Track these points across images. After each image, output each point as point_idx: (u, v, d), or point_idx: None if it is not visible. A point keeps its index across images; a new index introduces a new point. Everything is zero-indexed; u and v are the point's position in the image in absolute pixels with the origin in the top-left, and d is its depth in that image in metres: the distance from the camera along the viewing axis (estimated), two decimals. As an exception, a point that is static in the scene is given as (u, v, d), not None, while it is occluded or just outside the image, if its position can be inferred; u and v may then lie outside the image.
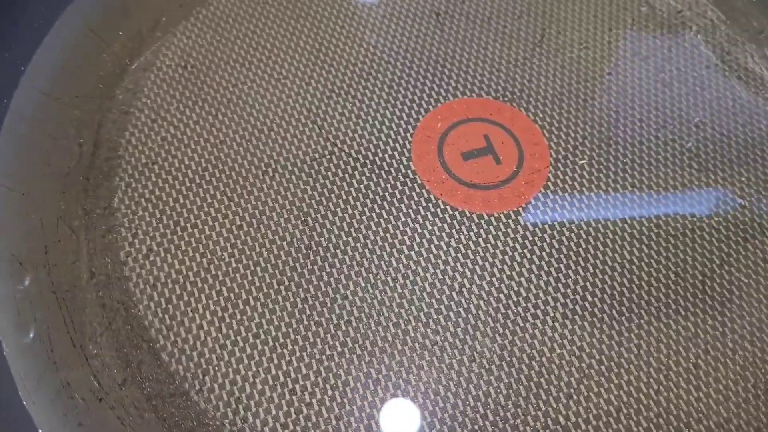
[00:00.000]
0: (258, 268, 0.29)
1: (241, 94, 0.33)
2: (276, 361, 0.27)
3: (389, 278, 0.29)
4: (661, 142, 0.33)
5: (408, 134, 0.32)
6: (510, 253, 0.30)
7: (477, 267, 0.29)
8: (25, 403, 0.26)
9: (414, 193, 0.31)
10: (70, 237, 0.29)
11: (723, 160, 0.33)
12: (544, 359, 0.28)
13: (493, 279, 0.29)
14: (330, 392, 0.27)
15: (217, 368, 0.27)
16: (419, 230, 0.30)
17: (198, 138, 0.32)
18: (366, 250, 0.29)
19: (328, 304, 0.28)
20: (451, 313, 0.28)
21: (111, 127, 0.32)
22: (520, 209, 0.31)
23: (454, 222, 0.30)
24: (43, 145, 0.31)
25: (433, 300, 0.29)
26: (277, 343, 0.27)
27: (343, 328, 0.28)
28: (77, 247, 0.29)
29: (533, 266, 0.29)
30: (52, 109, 0.32)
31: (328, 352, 0.27)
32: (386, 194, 0.31)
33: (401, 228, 0.30)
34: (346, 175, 0.31)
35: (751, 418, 0.27)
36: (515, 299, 0.29)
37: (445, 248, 0.30)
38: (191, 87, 0.33)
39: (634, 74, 0.35)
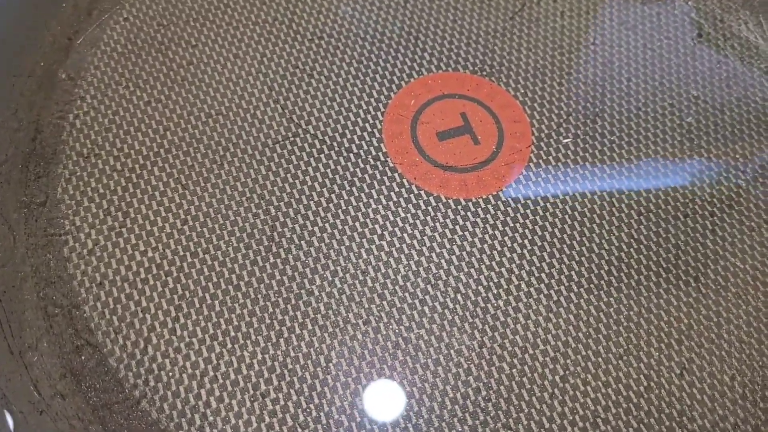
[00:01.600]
0: (215, 263, 0.26)
1: (197, 72, 0.31)
2: (235, 365, 0.25)
3: (359, 271, 0.27)
4: (650, 117, 0.31)
5: (379, 113, 0.30)
6: (489, 242, 0.27)
7: (454, 257, 0.27)
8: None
9: (386, 178, 0.29)
10: (8, 232, 0.27)
11: (716, 136, 0.31)
12: (526, 356, 0.25)
13: (471, 270, 0.27)
14: (295, 397, 0.24)
15: (170, 374, 0.25)
16: (391, 218, 0.28)
17: (149, 121, 0.29)
18: (333, 241, 0.27)
19: (293, 301, 0.26)
20: (426, 308, 0.26)
21: (53, 109, 0.29)
22: (500, 193, 0.28)
23: (429, 208, 0.28)
24: (-23, 131, 0.29)
25: (407, 294, 0.26)
26: (236, 345, 0.25)
27: (309, 327, 0.26)
28: (15, 243, 0.26)
29: (514, 255, 0.27)
30: (-12, 90, 0.29)
31: (292, 354, 0.25)
32: (355, 179, 0.28)
33: (372, 216, 0.28)
34: (312, 159, 0.29)
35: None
36: (495, 291, 0.26)
37: (419, 237, 0.27)
38: (141, 65, 0.30)
39: (621, 45, 0.33)
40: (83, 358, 0.25)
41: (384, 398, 0.25)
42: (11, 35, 0.31)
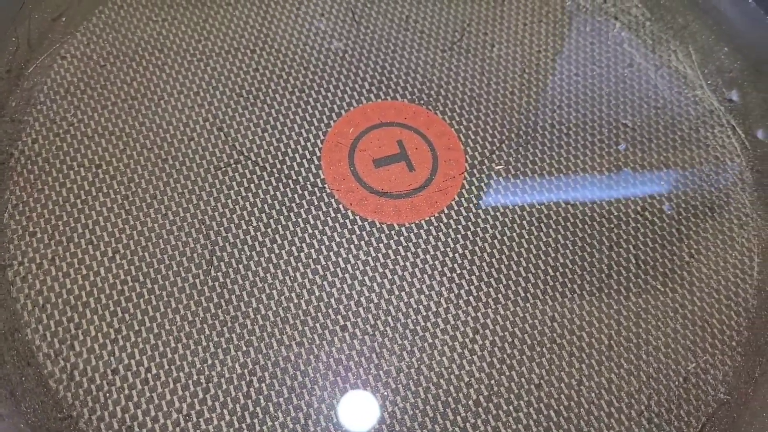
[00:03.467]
0: (155, 286, 0.28)
1: (144, 99, 0.32)
2: (172, 386, 0.26)
3: (293, 294, 0.28)
4: (580, 145, 0.32)
5: (318, 141, 0.31)
6: (420, 266, 0.29)
7: (386, 281, 0.28)
8: None
9: (323, 204, 0.30)
10: (-46, 257, 0.28)
11: (644, 164, 0.32)
12: (452, 377, 0.27)
13: (402, 294, 0.28)
14: (228, 417, 0.25)
15: (108, 395, 0.26)
16: (327, 242, 0.29)
17: (96, 147, 0.30)
18: (270, 265, 0.28)
19: (229, 324, 0.27)
20: (357, 330, 0.27)
21: (2, 136, 0.30)
22: (432, 218, 0.30)
23: (364, 233, 0.29)
24: (-73, 157, 0.30)
25: (339, 317, 0.27)
26: (173, 367, 0.26)
27: (244, 348, 0.27)
28: (-40, 268, 0.27)
29: (444, 278, 0.28)
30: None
31: (227, 375, 0.26)
32: (293, 205, 0.30)
33: (308, 241, 0.29)
34: (252, 185, 0.30)
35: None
36: (424, 314, 0.28)
37: (353, 261, 0.29)
38: (90, 92, 0.32)
39: (555, 74, 0.34)
40: (23, 379, 0.26)
41: (316, 418, 0.26)
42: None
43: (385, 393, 0.26)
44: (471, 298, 0.28)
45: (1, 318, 0.27)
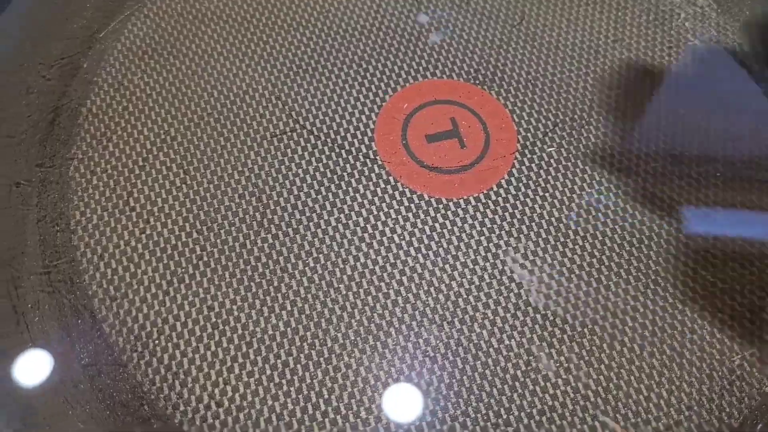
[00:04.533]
0: (207, 244, 0.28)
1: (206, 67, 0.33)
2: (217, 339, 0.27)
3: (340, 260, 0.28)
4: (636, 133, 0.32)
5: (373, 114, 0.32)
6: (466, 240, 0.29)
7: (431, 253, 0.29)
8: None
9: (374, 174, 0.30)
10: (23, 203, 0.29)
11: (701, 155, 0.31)
12: (491, 350, 0.27)
13: (446, 266, 0.28)
14: (269, 372, 0.26)
15: (157, 342, 0.27)
16: (375, 212, 0.29)
17: (159, 109, 0.31)
18: (319, 230, 0.29)
19: (275, 283, 0.28)
20: (400, 299, 0.28)
21: (73, 95, 0.32)
22: (481, 195, 0.30)
23: (412, 205, 0.30)
24: (2, 110, 0.31)
25: (383, 284, 0.28)
26: (219, 320, 0.27)
27: (289, 308, 0.27)
28: (26, 214, 0.29)
29: (488, 254, 0.29)
30: (13, 73, 0.32)
31: (270, 332, 0.27)
32: (345, 174, 0.30)
33: (357, 209, 0.29)
34: (306, 153, 0.31)
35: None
36: (467, 287, 0.28)
37: (400, 232, 0.29)
38: (157, 58, 0.33)
39: (614, 62, 0.34)
40: (79, 322, 0.27)
41: (354, 379, 0.26)
42: (40, 26, 0.34)
43: (423, 360, 0.26)
44: (515, 275, 0.28)
45: (63, 264, 0.28)
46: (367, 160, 0.30)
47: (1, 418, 0.25)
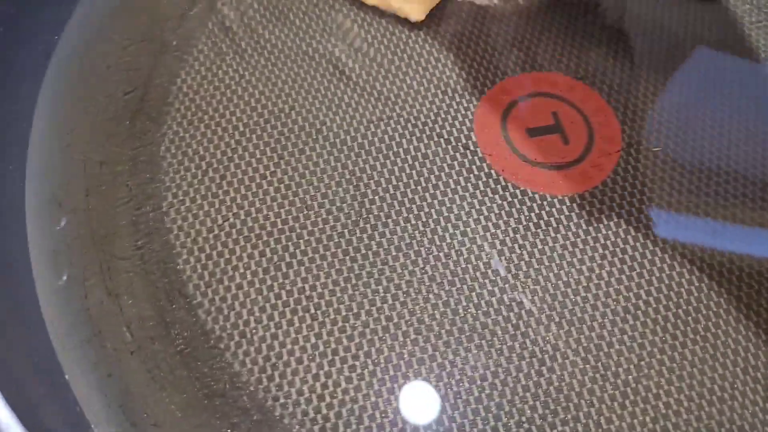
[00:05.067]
0: (304, 231, 0.27)
1: (299, 51, 0.32)
2: (316, 329, 0.26)
3: (441, 254, 0.27)
4: (743, 136, 0.31)
5: (471, 105, 0.30)
6: (572, 239, 0.28)
7: (536, 251, 0.27)
8: (54, 347, 0.25)
9: (474, 167, 0.29)
10: (113, 182, 0.28)
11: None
12: (601, 354, 0.26)
13: (552, 265, 0.27)
14: (371, 367, 0.25)
15: (254, 331, 0.26)
16: (477, 206, 0.28)
17: (253, 90, 0.30)
18: (419, 222, 0.28)
19: (375, 275, 0.27)
20: (505, 296, 0.26)
21: (163, 72, 0.31)
22: (587, 193, 0.29)
23: (515, 201, 0.28)
24: (91, 86, 0.30)
25: (487, 281, 0.27)
26: (318, 311, 0.26)
27: (389, 301, 0.26)
28: (118, 194, 0.28)
29: (596, 254, 0.27)
30: (104, 49, 0.31)
31: (371, 325, 0.26)
32: (444, 165, 0.29)
33: (458, 202, 0.28)
34: (404, 141, 0.30)
35: None
36: (574, 287, 0.27)
37: (503, 227, 0.28)
38: (248, 38, 0.32)
39: (724, 63, 0.33)
40: (174, 306, 0.26)
41: (454, 377, 0.25)
42: (127, 2, 0.33)
43: (530, 361, 0.25)
44: (623, 277, 0.27)
45: (156, 246, 0.27)
46: (468, 152, 0.29)
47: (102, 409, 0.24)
